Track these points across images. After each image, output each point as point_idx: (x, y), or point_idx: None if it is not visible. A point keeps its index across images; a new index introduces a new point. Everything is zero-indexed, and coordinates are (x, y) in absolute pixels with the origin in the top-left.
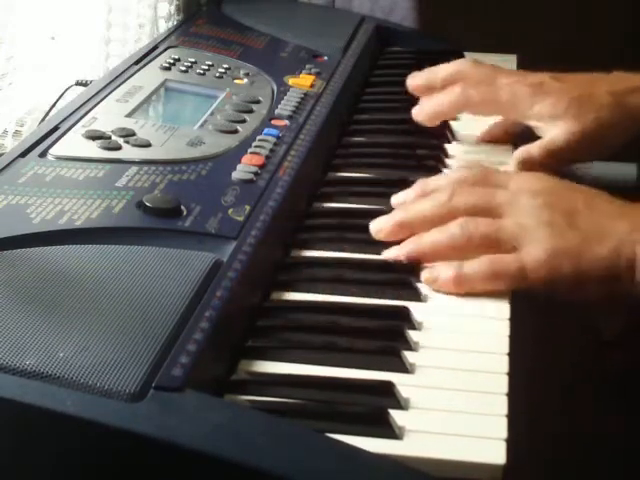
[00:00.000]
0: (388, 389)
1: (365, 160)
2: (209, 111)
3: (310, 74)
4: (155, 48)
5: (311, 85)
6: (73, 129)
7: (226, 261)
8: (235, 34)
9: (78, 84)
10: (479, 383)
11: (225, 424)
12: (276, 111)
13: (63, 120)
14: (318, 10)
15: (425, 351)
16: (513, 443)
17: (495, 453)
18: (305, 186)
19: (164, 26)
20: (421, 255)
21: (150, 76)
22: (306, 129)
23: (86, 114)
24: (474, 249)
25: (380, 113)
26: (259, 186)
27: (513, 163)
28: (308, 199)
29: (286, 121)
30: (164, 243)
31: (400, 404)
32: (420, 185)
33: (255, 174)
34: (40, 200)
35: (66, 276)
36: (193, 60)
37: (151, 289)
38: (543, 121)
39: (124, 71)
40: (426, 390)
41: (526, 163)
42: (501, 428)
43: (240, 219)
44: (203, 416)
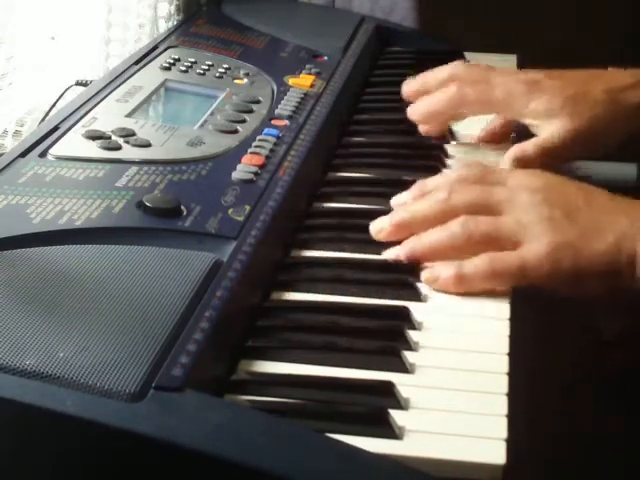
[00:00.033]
0: (388, 389)
1: (365, 160)
2: (209, 111)
3: (310, 74)
4: (155, 48)
5: (311, 85)
6: (73, 129)
7: (226, 261)
8: (235, 34)
9: (78, 84)
10: (479, 383)
11: (225, 424)
12: (276, 111)
13: (63, 120)
14: (318, 10)
15: (425, 351)
16: (513, 443)
17: (495, 453)
18: (305, 186)
19: (164, 26)
20: (421, 254)
21: (150, 76)
22: (306, 129)
23: (86, 114)
24: (474, 247)
25: (380, 113)
26: (259, 186)
27: (507, 161)
28: (308, 199)
29: (286, 121)
30: (164, 243)
31: (400, 404)
32: (419, 186)
33: (255, 174)
34: (40, 200)
35: (66, 276)
36: (193, 60)
37: (151, 289)
38: (539, 119)
39: (124, 71)
40: (426, 390)
41: (521, 161)
42: (501, 428)
43: (240, 219)
44: (203, 416)
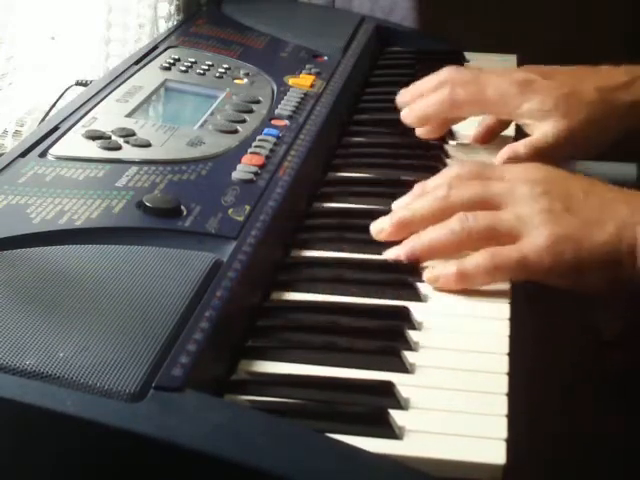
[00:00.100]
0: (388, 389)
1: (365, 160)
2: (209, 111)
3: (310, 74)
4: (155, 48)
5: (311, 85)
6: (73, 129)
7: (226, 261)
8: (235, 34)
9: (78, 84)
10: (479, 383)
11: (225, 424)
12: (276, 111)
13: (63, 120)
14: (318, 10)
15: (425, 351)
16: (513, 443)
17: (495, 453)
18: (305, 186)
19: (164, 26)
20: (422, 253)
21: (150, 76)
22: (306, 129)
23: (86, 114)
24: (475, 243)
25: (380, 113)
26: (259, 186)
27: (500, 161)
28: (308, 199)
29: (286, 121)
30: (164, 243)
31: (400, 404)
32: (419, 187)
33: (255, 174)
34: (40, 200)
35: (66, 276)
36: (193, 60)
37: (151, 289)
38: (532, 119)
39: (124, 71)
40: (426, 390)
41: (513, 161)
42: (501, 428)
43: (240, 219)
44: (203, 416)
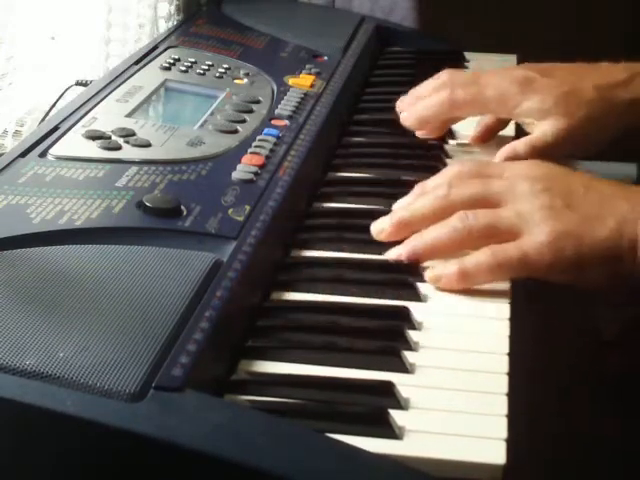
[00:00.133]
0: (388, 389)
1: (365, 160)
2: (209, 111)
3: (310, 74)
4: (155, 48)
5: (311, 85)
6: (73, 129)
7: (226, 261)
8: (235, 34)
9: (78, 84)
10: (479, 383)
11: (225, 424)
12: (276, 111)
13: (63, 120)
14: (318, 10)
15: (425, 351)
16: (513, 443)
17: (495, 453)
18: (305, 186)
19: (164, 26)
20: (423, 252)
21: (150, 76)
22: (306, 129)
23: (86, 114)
24: (476, 241)
25: (380, 113)
26: (259, 186)
27: (499, 160)
28: (308, 199)
29: (286, 121)
30: (164, 243)
31: (400, 404)
32: (419, 187)
33: (255, 174)
34: (40, 200)
35: (66, 276)
36: (193, 60)
37: (151, 289)
38: (532, 118)
39: (124, 71)
40: (426, 390)
41: (512, 160)
42: (501, 428)
43: (240, 219)
44: (203, 416)
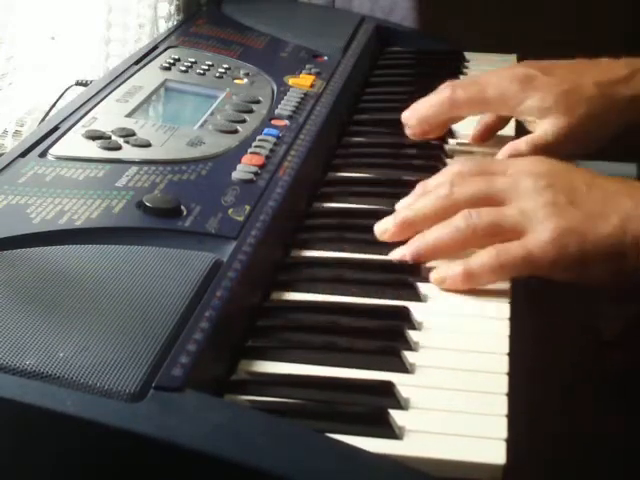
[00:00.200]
0: (388, 389)
1: (365, 160)
2: (209, 111)
3: (310, 74)
4: (155, 48)
5: (311, 85)
6: (73, 129)
7: (226, 261)
8: (235, 34)
9: (78, 84)
10: (479, 383)
11: (225, 424)
12: (276, 111)
13: (63, 120)
14: (318, 10)
15: (425, 351)
16: (513, 443)
17: (495, 453)
18: (305, 186)
19: (164, 26)
20: (427, 252)
21: (150, 76)
22: (306, 129)
23: (86, 114)
24: (480, 240)
25: (380, 113)
26: (259, 186)
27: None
28: (308, 199)
29: (286, 121)
30: (164, 243)
31: (400, 404)
32: (421, 185)
33: (255, 174)
34: (40, 200)
35: (66, 276)
36: (193, 60)
37: (151, 289)
38: (534, 116)
39: (124, 71)
40: (426, 390)
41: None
42: (501, 428)
43: (240, 219)
44: (203, 416)
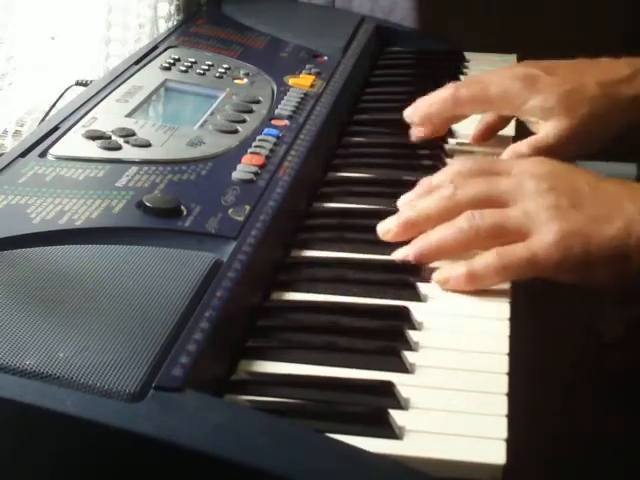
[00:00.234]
0: (388, 389)
1: (365, 160)
2: (209, 111)
3: (310, 74)
4: (155, 48)
5: (311, 85)
6: (73, 129)
7: (226, 261)
8: (235, 34)
9: (78, 84)
10: (479, 383)
11: (225, 424)
12: (276, 111)
13: (63, 120)
14: (318, 10)
15: (425, 351)
16: (513, 443)
17: (495, 453)
18: (305, 186)
19: (164, 26)
20: (430, 253)
21: (150, 76)
22: (306, 129)
23: (86, 114)
24: (483, 242)
25: (380, 113)
26: (259, 186)
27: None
28: (308, 199)
29: (286, 121)
30: (164, 243)
31: (400, 404)
32: (424, 183)
33: (255, 174)
34: (40, 200)
35: (66, 276)
36: (193, 60)
37: (151, 289)
38: (536, 116)
39: (124, 71)
40: (426, 390)
41: None
42: (501, 428)
43: (240, 219)
44: (203, 416)
